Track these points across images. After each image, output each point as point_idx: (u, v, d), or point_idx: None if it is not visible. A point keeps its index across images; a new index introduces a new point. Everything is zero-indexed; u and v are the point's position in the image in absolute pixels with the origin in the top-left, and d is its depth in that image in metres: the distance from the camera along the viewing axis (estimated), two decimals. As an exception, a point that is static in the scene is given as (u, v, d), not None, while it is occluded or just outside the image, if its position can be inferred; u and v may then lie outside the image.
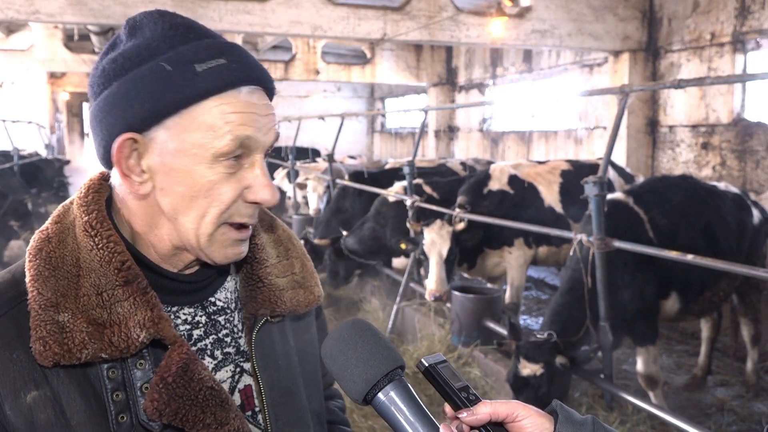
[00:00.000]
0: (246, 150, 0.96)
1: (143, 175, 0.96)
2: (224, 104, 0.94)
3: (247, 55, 0.99)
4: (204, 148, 0.94)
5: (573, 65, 12.19)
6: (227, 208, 0.97)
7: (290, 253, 1.18)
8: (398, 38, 9.95)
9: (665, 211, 4.59)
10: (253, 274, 1.11)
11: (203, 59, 0.94)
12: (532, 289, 8.81)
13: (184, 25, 0.98)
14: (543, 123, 13.36)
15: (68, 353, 0.89)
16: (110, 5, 8.40)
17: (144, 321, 0.93)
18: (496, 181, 6.41)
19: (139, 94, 0.93)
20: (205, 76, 0.93)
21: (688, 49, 9.38)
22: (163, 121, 0.94)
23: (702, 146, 9.24)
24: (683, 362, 6.00)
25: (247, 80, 0.96)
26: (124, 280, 0.95)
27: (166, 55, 0.94)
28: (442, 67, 17.09)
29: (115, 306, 0.93)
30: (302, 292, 1.15)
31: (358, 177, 8.51)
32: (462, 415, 0.89)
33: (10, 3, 8.20)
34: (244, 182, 0.97)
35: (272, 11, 9.05)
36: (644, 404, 4.00)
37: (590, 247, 4.19)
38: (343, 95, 23.62)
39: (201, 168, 0.94)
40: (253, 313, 1.09)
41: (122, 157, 0.95)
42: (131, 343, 0.92)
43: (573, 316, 4.28)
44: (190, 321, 1.04)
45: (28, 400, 0.89)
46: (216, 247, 0.99)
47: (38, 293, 0.91)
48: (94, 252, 0.95)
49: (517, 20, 9.80)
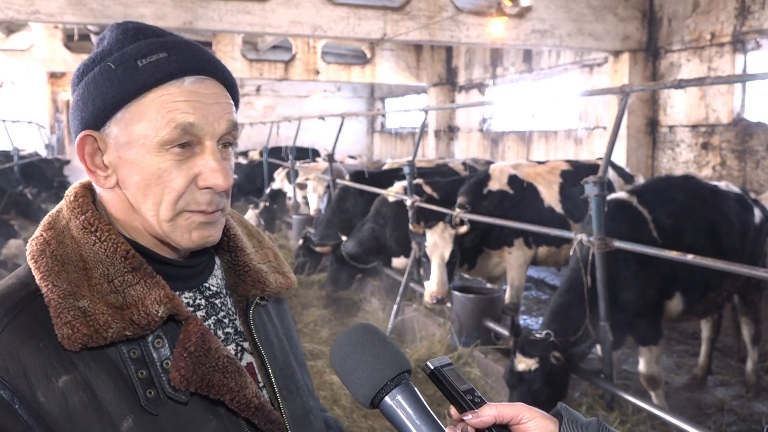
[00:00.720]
0: (193, 137, 1.00)
1: (107, 169, 1.03)
2: (165, 94, 0.98)
3: (193, 47, 1.03)
4: (149, 138, 0.98)
5: (573, 65, 12.19)
6: (180, 195, 1.00)
7: (262, 244, 1.25)
8: (398, 38, 9.95)
9: (669, 210, 4.58)
10: (238, 261, 1.17)
11: (145, 54, 0.99)
12: (532, 289, 8.81)
13: (135, 29, 1.03)
14: (543, 123, 13.36)
15: (96, 333, 0.93)
16: (110, 5, 8.40)
17: (160, 298, 0.98)
18: (495, 182, 6.41)
19: (91, 93, 1.00)
20: (145, 69, 0.98)
21: (688, 49, 9.38)
22: (113, 117, 1.00)
23: (702, 146, 9.24)
24: (683, 362, 6.00)
25: (190, 70, 1.00)
26: (132, 266, 1.00)
27: (113, 56, 1.00)
28: (442, 67, 17.09)
29: (129, 290, 0.98)
30: (281, 276, 1.22)
31: (358, 177, 8.51)
32: (467, 417, 0.90)
33: (10, 3, 8.20)
34: (195, 169, 1.01)
35: (272, 11, 9.05)
36: (644, 404, 4.00)
37: (590, 247, 4.19)
38: (343, 95, 23.63)
39: (149, 157, 0.99)
40: (245, 295, 1.15)
41: (85, 154, 1.03)
42: (151, 319, 0.97)
43: (572, 316, 4.28)
44: (192, 304, 1.09)
45: (60, 384, 0.92)
46: (179, 232, 1.03)
47: (53, 285, 0.95)
48: (97, 246, 1.01)
49: (517, 20, 9.80)
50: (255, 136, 21.18)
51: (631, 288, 4.35)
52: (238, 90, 1.12)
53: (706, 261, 3.58)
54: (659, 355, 4.53)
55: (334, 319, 6.93)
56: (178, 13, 8.70)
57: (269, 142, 14.39)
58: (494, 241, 6.29)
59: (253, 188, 14.50)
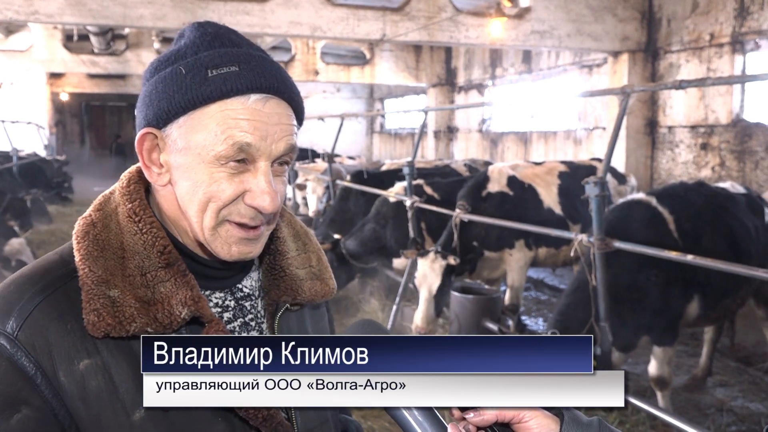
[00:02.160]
0: (248, 156, 1.00)
1: (162, 168, 1.04)
2: (228, 109, 0.99)
3: (267, 64, 1.03)
4: (205, 149, 0.99)
5: (572, 66, 12.20)
6: (225, 205, 1.01)
7: (307, 247, 1.25)
8: (397, 39, 9.95)
9: (690, 214, 4.57)
10: (276, 265, 1.17)
11: (217, 65, 1.00)
12: (532, 290, 8.82)
13: (212, 34, 1.04)
14: (542, 124, 13.36)
15: (119, 325, 0.95)
16: (109, 5, 8.39)
17: (185, 299, 0.99)
18: (495, 183, 6.41)
19: (159, 93, 1.01)
20: (214, 80, 0.99)
21: (688, 50, 9.39)
22: (175, 120, 1.01)
23: (701, 147, 9.25)
24: (682, 362, 6.00)
25: (257, 88, 1.00)
26: (166, 262, 1.02)
27: (186, 60, 1.01)
28: (442, 67, 17.09)
29: (158, 286, 1.00)
30: (319, 283, 1.21)
31: (358, 177, 8.51)
32: (469, 415, 0.90)
33: (9, 3, 8.20)
34: (245, 185, 1.01)
35: (271, 12, 9.05)
36: (643, 404, 4.00)
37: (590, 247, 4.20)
38: (343, 96, 23.63)
39: (203, 167, 1.00)
40: (275, 300, 1.15)
41: (143, 149, 1.04)
42: (174, 319, 0.98)
43: (578, 316, 4.29)
44: (220, 305, 1.10)
45: (80, 367, 0.95)
46: (219, 243, 1.03)
47: (89, 270, 0.98)
48: (137, 236, 1.03)
49: (517, 21, 9.80)
50: (254, 137, 21.14)
51: (651, 287, 4.34)
52: (304, 110, 1.12)
53: (706, 261, 3.58)
54: (672, 356, 4.53)
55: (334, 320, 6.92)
56: (177, 14, 8.70)
57: (268, 142, 14.36)
58: (495, 243, 6.29)
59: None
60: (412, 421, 0.88)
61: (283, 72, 1.05)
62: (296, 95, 1.07)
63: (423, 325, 5.55)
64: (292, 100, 1.06)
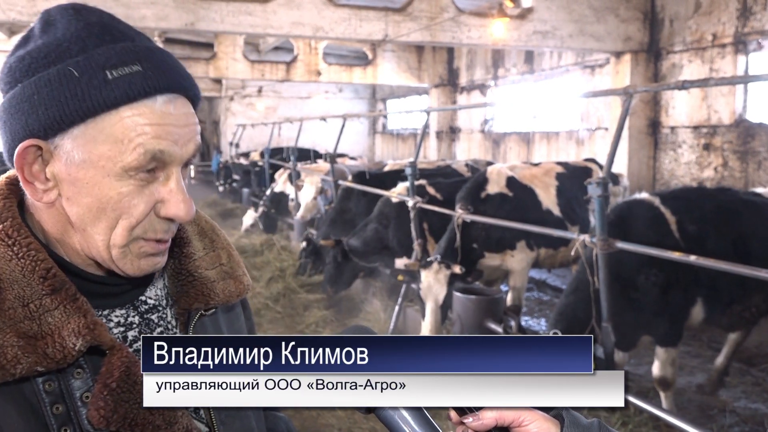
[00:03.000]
0: (159, 163, 0.90)
1: (47, 182, 0.90)
2: (136, 115, 0.88)
3: (167, 60, 0.93)
4: (112, 161, 0.88)
5: (574, 66, 12.19)
6: (138, 222, 0.92)
7: (215, 245, 1.13)
8: (400, 39, 9.95)
9: (695, 217, 4.52)
10: (182, 269, 1.06)
11: (116, 65, 0.88)
12: (534, 291, 8.81)
13: (99, 25, 0.91)
14: (544, 124, 13.36)
15: (1, 370, 0.82)
16: (112, 6, 8.40)
17: (79, 328, 0.87)
18: (494, 185, 6.39)
19: (43, 99, 0.87)
20: (117, 83, 0.87)
21: (690, 50, 9.38)
22: (69, 130, 0.88)
23: (704, 147, 9.24)
24: (685, 363, 5.99)
25: (164, 88, 0.90)
26: (51, 288, 0.89)
27: (76, 58, 0.88)
28: (444, 68, 17.10)
29: (45, 316, 0.87)
30: (232, 282, 1.11)
31: (360, 178, 8.52)
32: (468, 420, 0.88)
33: (12, 4, 8.21)
34: (157, 196, 0.92)
35: (274, 12, 9.06)
36: (646, 405, 3.99)
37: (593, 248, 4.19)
38: (345, 96, 23.64)
39: (108, 180, 0.89)
40: (187, 308, 1.05)
41: (25, 163, 0.89)
42: (67, 353, 0.86)
43: (578, 317, 4.28)
44: (123, 323, 0.99)
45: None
46: (129, 259, 0.94)
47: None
48: (14, 262, 0.89)
49: (519, 21, 9.80)
50: (256, 137, 21.19)
51: (652, 287, 4.33)
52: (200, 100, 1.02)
53: (708, 262, 3.57)
54: (675, 357, 4.51)
55: (335, 321, 6.93)
56: (179, 15, 8.72)
57: (271, 143, 14.40)
58: (496, 244, 6.28)
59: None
60: (401, 422, 0.87)
61: (182, 66, 0.95)
62: (198, 92, 0.97)
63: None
64: (195, 97, 0.96)
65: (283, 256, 8.71)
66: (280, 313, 7.13)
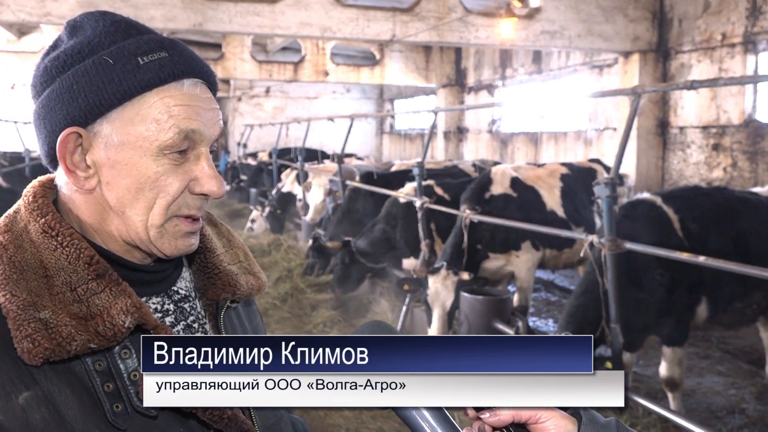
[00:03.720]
0: (191, 143, 0.97)
1: (88, 170, 0.97)
2: (167, 97, 0.95)
3: (188, 49, 1.00)
4: (148, 141, 0.94)
5: (583, 66, 12.16)
6: (174, 199, 0.97)
7: (232, 243, 1.19)
8: (407, 39, 9.96)
9: (696, 215, 4.54)
10: (207, 263, 1.13)
11: (146, 52, 0.95)
12: (542, 291, 8.80)
13: (125, 22, 1.00)
14: (552, 124, 13.33)
15: (58, 347, 0.87)
16: (121, 7, 8.44)
17: (127, 307, 0.92)
18: (498, 185, 6.38)
19: (82, 88, 0.94)
20: (148, 68, 0.94)
21: (699, 50, 9.34)
22: (107, 114, 0.95)
23: (713, 147, 9.20)
24: (694, 365, 5.97)
25: (189, 72, 0.97)
26: (96, 273, 0.94)
27: (109, 49, 0.95)
28: (451, 68, 17.09)
29: (93, 299, 0.93)
30: (252, 278, 1.17)
31: (368, 178, 8.52)
32: (484, 416, 0.89)
33: (22, 5, 8.27)
34: (191, 174, 0.98)
35: (281, 13, 9.09)
36: (654, 406, 3.98)
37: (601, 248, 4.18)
38: (352, 96, 23.66)
39: (146, 160, 0.95)
40: (215, 299, 1.11)
41: (66, 152, 0.96)
42: (117, 330, 0.91)
43: (588, 318, 4.28)
44: (160, 309, 1.04)
45: (20, 401, 0.87)
46: (167, 239, 0.99)
47: (12, 295, 0.89)
48: (59, 251, 0.94)
49: (527, 21, 9.79)
50: (264, 138, 21.24)
51: (657, 287, 4.32)
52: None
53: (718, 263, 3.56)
54: (682, 357, 4.50)
55: (343, 321, 6.93)
56: (188, 15, 8.75)
57: (278, 143, 14.43)
58: (500, 245, 6.26)
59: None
60: (425, 425, 0.88)
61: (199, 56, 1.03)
62: (216, 78, 1.04)
63: None
64: (213, 85, 1.03)
65: (290, 256, 8.71)
66: (288, 313, 7.15)
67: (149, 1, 8.54)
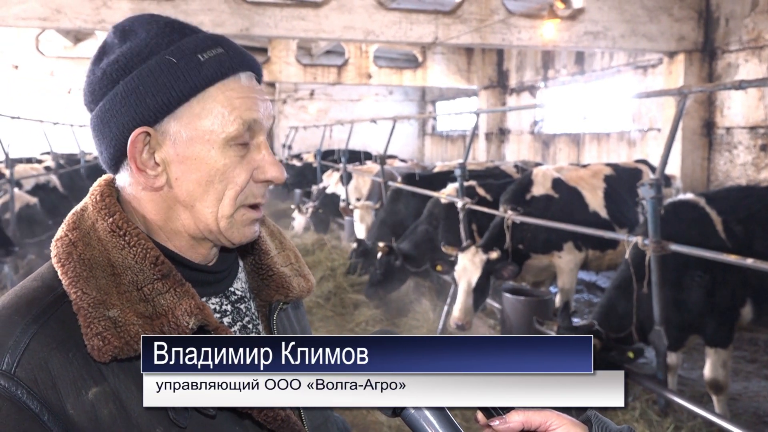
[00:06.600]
0: (252, 133, 1.01)
1: (157, 167, 0.99)
2: (228, 90, 0.99)
3: (238, 45, 1.05)
4: (215, 134, 0.98)
5: (626, 67, 12.03)
6: (242, 189, 1.01)
7: (284, 245, 1.22)
8: (450, 42, 10.00)
9: (741, 217, 4.48)
10: (261, 264, 1.15)
11: (204, 49, 0.98)
12: (584, 292, 8.74)
13: (177, 23, 1.03)
14: (595, 125, 13.21)
15: (126, 346, 0.89)
16: (172, 14, 8.58)
17: (191, 308, 0.95)
18: (539, 186, 6.37)
19: (149, 88, 0.97)
20: (209, 64, 0.98)
21: (747, 49, 9.17)
22: (174, 112, 0.98)
23: (761, 148, 9.02)
24: (740, 368, 5.88)
25: (244, 66, 1.01)
26: (161, 273, 0.96)
27: (169, 49, 0.98)
28: (493, 69, 17.05)
29: (158, 299, 0.95)
30: (302, 280, 1.19)
31: (409, 179, 8.59)
32: (494, 423, 0.88)
33: (78, 13, 8.59)
34: (254, 164, 1.01)
35: (326, 17, 9.23)
36: (700, 410, 3.93)
37: (645, 250, 4.17)
38: (395, 98, 23.75)
39: (214, 153, 0.98)
40: (269, 300, 1.14)
41: (136, 152, 0.98)
42: (181, 330, 0.93)
43: (617, 313, 4.29)
44: (218, 310, 1.06)
45: (89, 396, 0.89)
46: (236, 228, 1.02)
47: (83, 293, 0.91)
48: (126, 251, 0.97)
49: (570, 22, 9.74)
50: (309, 139, 21.48)
51: (700, 287, 4.29)
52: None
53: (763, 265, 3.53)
54: (727, 359, 4.43)
55: (384, 319, 7.01)
56: (235, 20, 8.96)
57: (322, 144, 14.60)
58: (543, 245, 6.26)
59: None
60: (423, 422, 0.88)
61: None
62: (262, 72, 1.08)
63: (461, 316, 5.50)
64: (261, 78, 1.07)
65: (333, 256, 8.83)
66: (331, 311, 7.26)
67: (198, 8, 8.78)
